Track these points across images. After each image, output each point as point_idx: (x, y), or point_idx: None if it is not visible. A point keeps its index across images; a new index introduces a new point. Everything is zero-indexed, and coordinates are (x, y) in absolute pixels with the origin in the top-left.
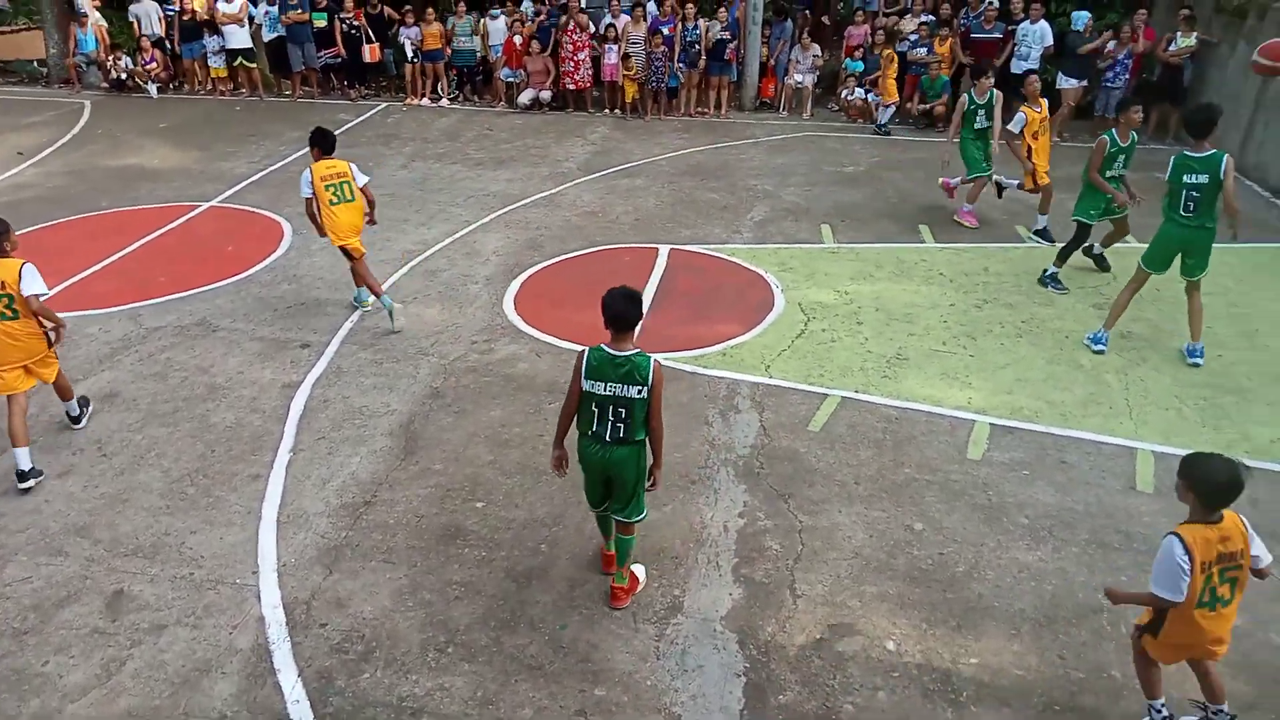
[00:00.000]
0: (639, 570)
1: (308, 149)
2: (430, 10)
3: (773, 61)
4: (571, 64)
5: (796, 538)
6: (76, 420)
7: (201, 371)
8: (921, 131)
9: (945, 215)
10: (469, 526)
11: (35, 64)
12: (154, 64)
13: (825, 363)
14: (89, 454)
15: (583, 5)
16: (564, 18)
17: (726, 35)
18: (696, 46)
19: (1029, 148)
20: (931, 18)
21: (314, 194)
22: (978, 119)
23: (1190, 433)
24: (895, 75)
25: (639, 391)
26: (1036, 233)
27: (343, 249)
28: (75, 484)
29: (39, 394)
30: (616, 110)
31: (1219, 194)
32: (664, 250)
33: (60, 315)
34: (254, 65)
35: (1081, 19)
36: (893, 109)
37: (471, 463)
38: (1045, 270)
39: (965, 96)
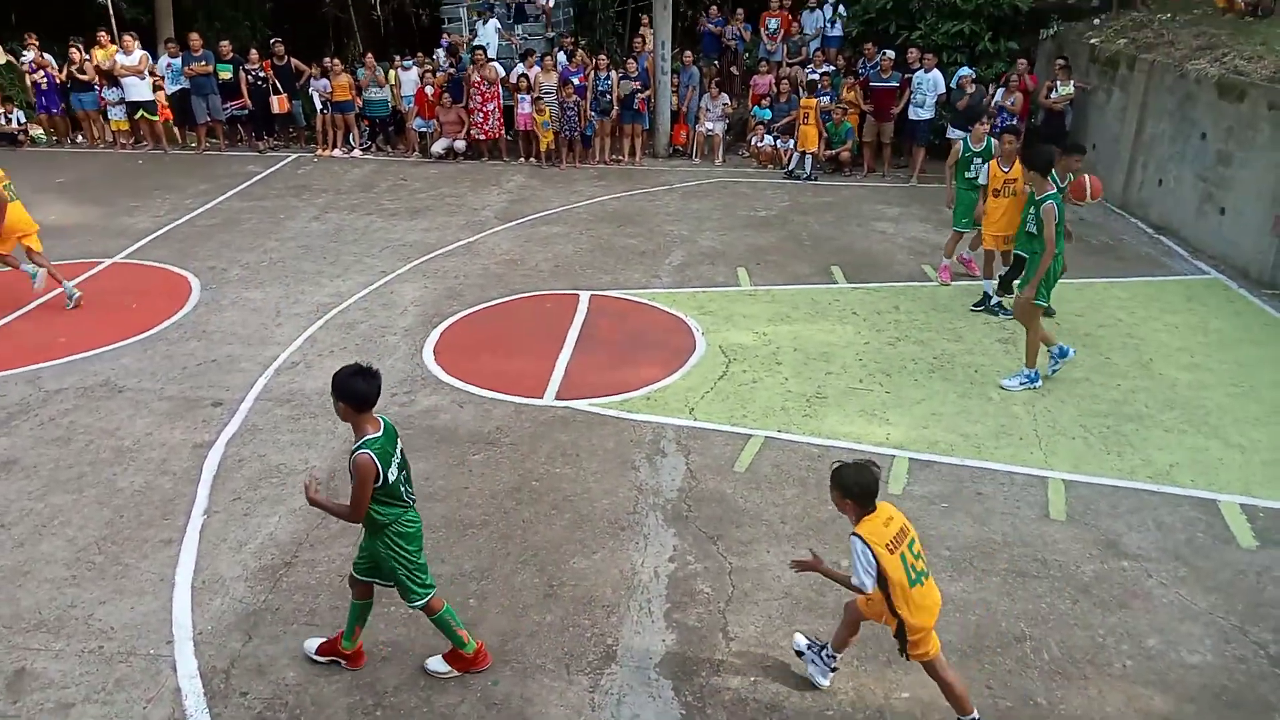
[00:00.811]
0: None
1: (208, 202)
2: (337, 61)
3: (684, 109)
4: (480, 114)
5: (727, 580)
6: None
7: (107, 434)
8: (829, 176)
9: (855, 256)
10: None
11: None
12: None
13: (748, 403)
14: None
15: (491, 56)
16: (470, 69)
17: (637, 85)
18: (608, 96)
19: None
20: (833, 67)
21: None
22: (970, 168)
23: (1096, 460)
24: (815, 123)
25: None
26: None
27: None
28: None
29: None
30: (532, 159)
31: None
32: (585, 296)
33: None
34: (155, 118)
35: (959, 75)
36: (810, 157)
37: None
38: (991, 300)
39: (960, 143)
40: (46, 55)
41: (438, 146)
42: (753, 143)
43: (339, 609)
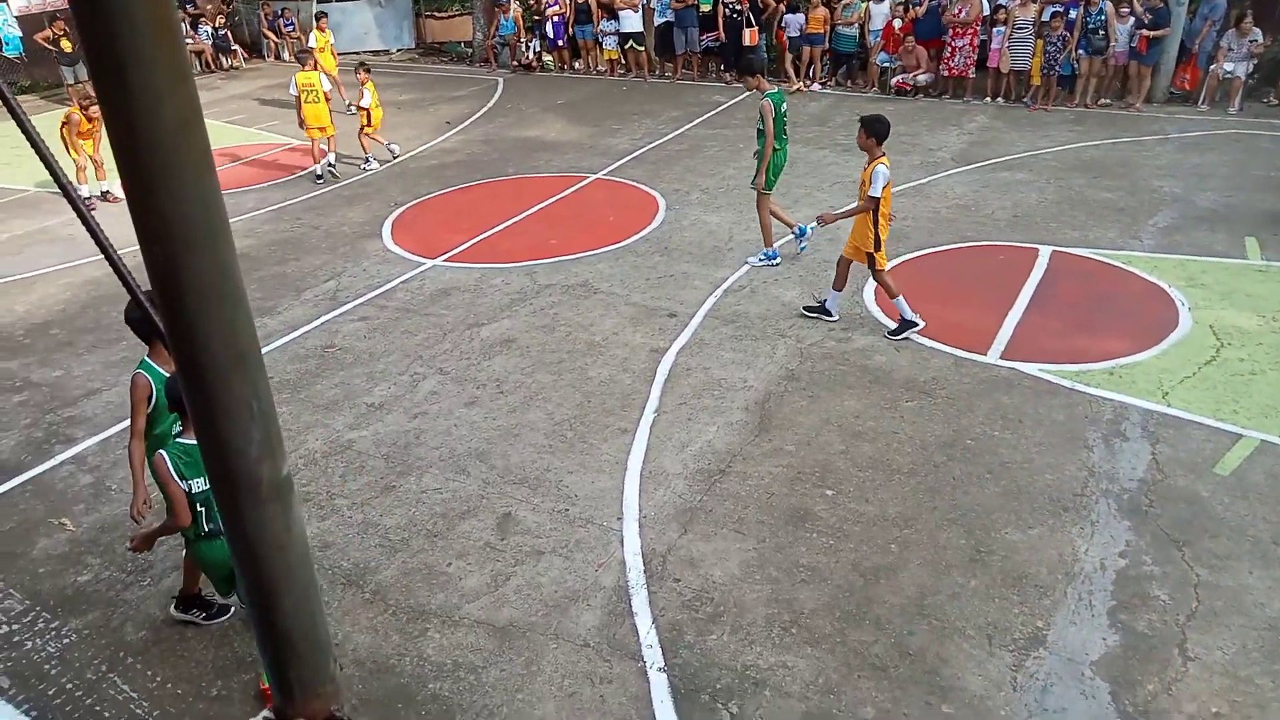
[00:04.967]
0: None
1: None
2: None
3: (1195, 47)
4: (949, 50)
5: (1191, 592)
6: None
7: (583, 329)
8: None
9: None
10: (818, 512)
11: (463, 45)
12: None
13: (1241, 397)
14: (489, 389)
15: None
16: (946, 3)
17: (1147, 18)
18: (1101, 31)
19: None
20: None
21: (297, 93)
22: None
23: None
24: None
25: None
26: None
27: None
28: (478, 414)
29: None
30: (999, 98)
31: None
32: (1045, 252)
33: (473, 266)
34: (642, 48)
35: None
36: None
37: (823, 449)
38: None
39: None
40: None
41: (896, 79)
42: None
43: (764, 523)
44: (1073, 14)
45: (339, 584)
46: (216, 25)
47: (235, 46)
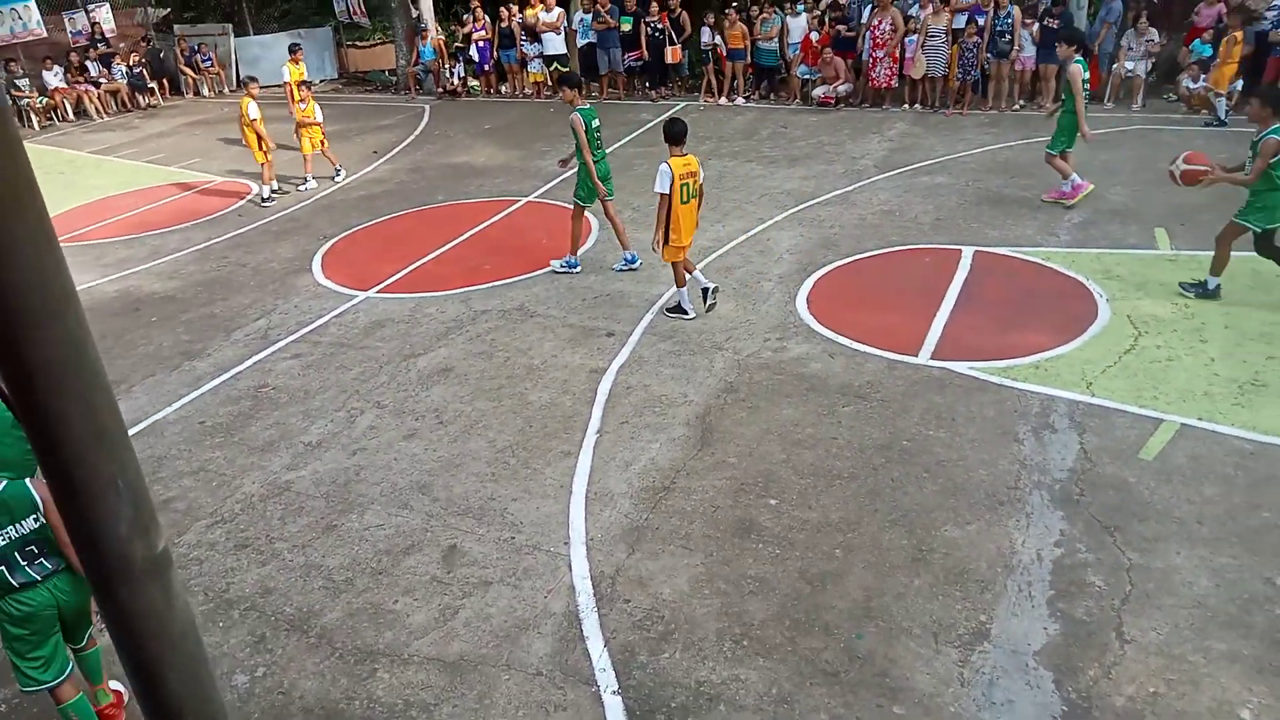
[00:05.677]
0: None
1: (606, 147)
2: (734, 13)
3: (1096, 49)
4: (870, 60)
5: (1124, 576)
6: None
7: (521, 353)
8: None
9: None
10: (763, 523)
11: (387, 73)
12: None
13: (1160, 383)
14: (429, 420)
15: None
16: (874, 12)
17: (1053, 23)
18: (1008, 36)
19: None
20: None
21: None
22: None
23: None
24: (1238, 59)
25: (36, 520)
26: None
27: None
28: (418, 446)
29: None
30: (917, 105)
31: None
32: (968, 252)
33: (407, 296)
34: (567, 69)
35: None
36: (1223, 99)
37: (765, 459)
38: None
39: None
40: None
41: (818, 92)
42: (1183, 85)
43: (710, 537)
44: (980, 20)
45: (283, 630)
46: (131, 63)
47: (152, 84)
